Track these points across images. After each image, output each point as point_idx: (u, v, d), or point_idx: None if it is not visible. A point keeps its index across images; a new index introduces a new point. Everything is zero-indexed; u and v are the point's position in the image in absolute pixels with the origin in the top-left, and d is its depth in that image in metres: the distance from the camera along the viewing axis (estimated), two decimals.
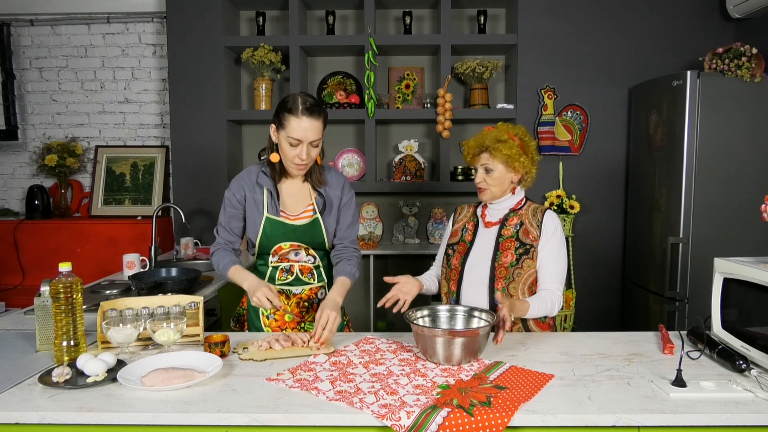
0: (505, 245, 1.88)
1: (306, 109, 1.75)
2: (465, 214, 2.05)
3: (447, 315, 1.75)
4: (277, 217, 1.89)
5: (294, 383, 1.42)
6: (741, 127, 2.94)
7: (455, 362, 1.53)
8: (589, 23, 3.60)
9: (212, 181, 3.69)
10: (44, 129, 4.05)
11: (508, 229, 1.91)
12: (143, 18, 3.92)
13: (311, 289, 1.97)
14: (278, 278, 1.94)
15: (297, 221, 1.91)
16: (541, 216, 1.90)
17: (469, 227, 1.99)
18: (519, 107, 3.61)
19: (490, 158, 1.87)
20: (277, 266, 1.94)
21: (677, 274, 3.01)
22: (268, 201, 1.90)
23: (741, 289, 1.59)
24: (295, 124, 1.75)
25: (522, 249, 1.87)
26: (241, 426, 1.26)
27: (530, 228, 1.89)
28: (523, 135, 1.92)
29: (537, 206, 1.94)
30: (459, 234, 2.00)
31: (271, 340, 1.67)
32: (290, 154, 1.79)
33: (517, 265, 1.86)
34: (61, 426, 1.28)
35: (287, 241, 1.91)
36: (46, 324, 1.66)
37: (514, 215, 1.93)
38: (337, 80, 3.89)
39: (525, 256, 1.87)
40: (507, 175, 1.89)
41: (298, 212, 1.92)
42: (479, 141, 1.90)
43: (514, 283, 1.86)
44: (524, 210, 1.93)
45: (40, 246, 3.67)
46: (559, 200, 3.56)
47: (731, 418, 1.25)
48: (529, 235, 1.88)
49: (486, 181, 1.90)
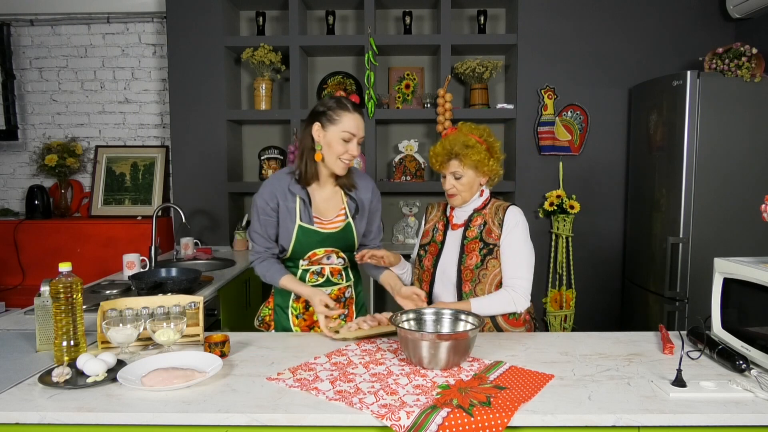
0: (470, 247, 1.89)
1: (356, 107, 1.85)
2: (435, 214, 2.06)
3: (432, 318, 1.71)
4: (310, 225, 1.90)
5: (294, 383, 1.42)
6: (741, 127, 2.94)
7: (441, 366, 1.51)
8: (589, 23, 3.60)
9: (212, 181, 3.69)
10: (44, 129, 4.05)
11: (472, 230, 1.91)
12: (143, 18, 3.92)
13: (340, 288, 2.01)
14: (308, 280, 1.96)
15: (331, 229, 1.93)
16: (503, 214, 1.90)
17: (440, 227, 2.01)
18: (519, 107, 3.61)
19: (459, 165, 1.87)
20: (308, 269, 1.96)
21: (677, 274, 3.01)
22: (301, 209, 1.90)
23: (741, 289, 1.59)
24: (349, 117, 1.82)
25: (486, 249, 1.88)
26: (241, 426, 1.26)
27: (493, 227, 1.89)
28: (488, 136, 1.91)
29: (500, 204, 1.94)
30: (430, 234, 2.02)
31: (360, 321, 1.79)
32: (341, 149, 1.83)
33: (482, 266, 1.87)
34: (61, 426, 1.28)
35: (322, 247, 1.94)
36: (46, 324, 1.66)
37: (477, 215, 1.93)
38: (337, 80, 3.89)
39: (489, 257, 1.87)
40: (476, 179, 1.90)
41: (331, 217, 1.95)
42: (447, 148, 1.87)
43: (480, 285, 1.87)
44: (488, 209, 1.94)
45: (40, 246, 3.67)
46: (559, 200, 3.56)
47: (731, 418, 1.25)
48: (492, 235, 1.88)
49: (456, 187, 1.89)
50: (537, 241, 3.59)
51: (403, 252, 3.49)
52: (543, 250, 3.68)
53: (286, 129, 3.90)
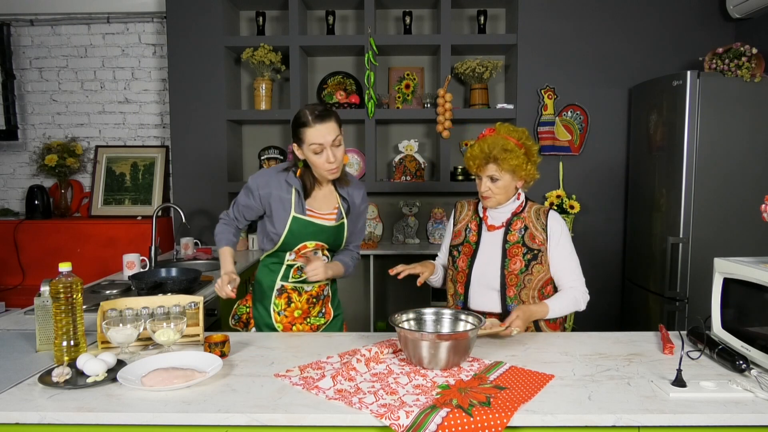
0: (513, 251, 1.88)
1: (316, 117, 1.82)
2: (466, 213, 2.03)
3: (432, 319, 1.71)
4: (304, 216, 1.93)
5: (299, 381, 1.43)
6: (741, 127, 2.94)
7: (441, 366, 1.51)
8: (589, 23, 3.60)
9: (212, 181, 3.69)
10: (44, 129, 4.05)
11: (513, 235, 1.90)
12: (143, 18, 3.92)
13: (320, 285, 2.04)
14: (292, 276, 1.98)
15: (326, 222, 1.96)
16: (545, 218, 1.90)
17: (473, 227, 1.98)
18: (519, 107, 3.61)
19: (497, 169, 1.84)
20: (292, 264, 1.97)
21: (677, 274, 3.01)
22: (295, 200, 1.93)
23: (741, 289, 1.59)
24: (311, 132, 1.82)
25: (530, 255, 1.87)
26: (241, 426, 1.26)
27: (535, 232, 1.88)
28: (525, 140, 1.88)
29: (538, 207, 1.93)
30: (463, 234, 1.99)
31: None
32: (318, 161, 1.85)
33: (526, 272, 1.86)
34: (61, 426, 1.28)
35: (314, 240, 1.95)
36: (46, 324, 1.66)
37: (517, 219, 1.92)
38: (337, 80, 3.89)
39: (534, 262, 1.87)
40: (512, 183, 1.88)
41: (324, 212, 1.97)
42: (485, 151, 1.84)
43: (525, 290, 1.87)
44: (526, 213, 1.92)
45: (40, 246, 3.67)
46: (559, 200, 3.56)
47: (731, 418, 1.25)
48: (535, 240, 1.88)
49: (492, 190, 1.87)
50: None
51: (403, 252, 3.53)
52: None
53: (286, 129, 3.90)
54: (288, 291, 1.99)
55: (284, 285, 1.99)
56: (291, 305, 1.99)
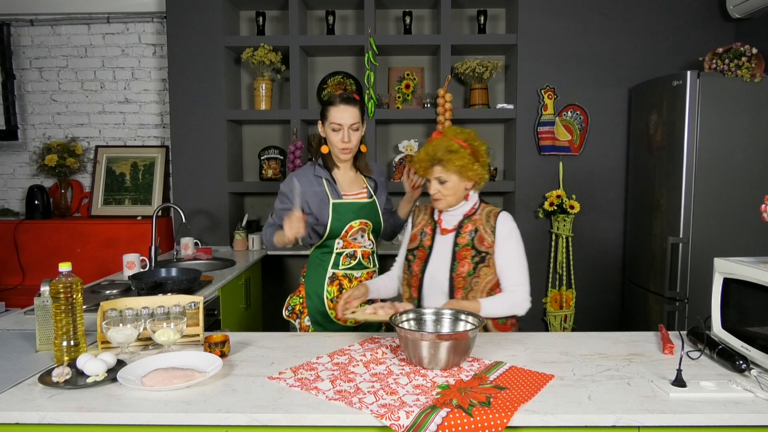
0: (462, 254, 1.88)
1: (342, 99, 2.06)
2: (423, 217, 2.03)
3: (432, 319, 1.71)
4: (341, 200, 2.12)
5: (295, 382, 1.42)
6: (741, 127, 2.94)
7: (441, 366, 1.51)
8: (589, 23, 3.59)
9: (212, 181, 3.69)
10: (44, 129, 4.05)
11: (463, 237, 1.89)
12: (143, 18, 3.92)
13: (368, 272, 2.18)
14: (342, 263, 2.14)
15: (359, 199, 2.16)
16: (494, 221, 1.89)
17: (428, 231, 1.98)
18: (519, 107, 3.61)
19: (443, 171, 1.84)
20: (342, 252, 2.14)
21: (677, 274, 3.01)
22: (329, 189, 2.12)
23: (741, 289, 1.59)
24: (334, 111, 2.06)
25: (478, 257, 1.86)
26: (241, 426, 1.26)
27: (485, 235, 1.88)
28: (472, 140, 1.88)
29: (491, 210, 1.93)
30: (418, 238, 1.99)
31: (377, 307, 1.76)
32: (335, 139, 2.07)
33: (474, 274, 1.86)
34: (61, 426, 1.28)
35: (357, 219, 2.12)
36: (46, 324, 1.66)
37: (468, 221, 1.91)
38: (337, 80, 3.89)
39: (481, 264, 1.86)
40: (461, 184, 1.86)
41: (355, 192, 2.17)
42: (430, 153, 1.85)
43: (472, 292, 1.87)
44: (478, 215, 1.92)
45: (40, 246, 3.67)
46: (559, 200, 3.56)
47: (731, 418, 1.25)
48: (484, 243, 1.87)
49: (441, 192, 1.87)
50: (537, 241, 3.63)
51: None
52: (543, 250, 3.68)
53: (286, 129, 3.90)
54: (339, 278, 2.15)
55: (335, 272, 2.15)
56: (343, 292, 2.10)
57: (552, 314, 3.68)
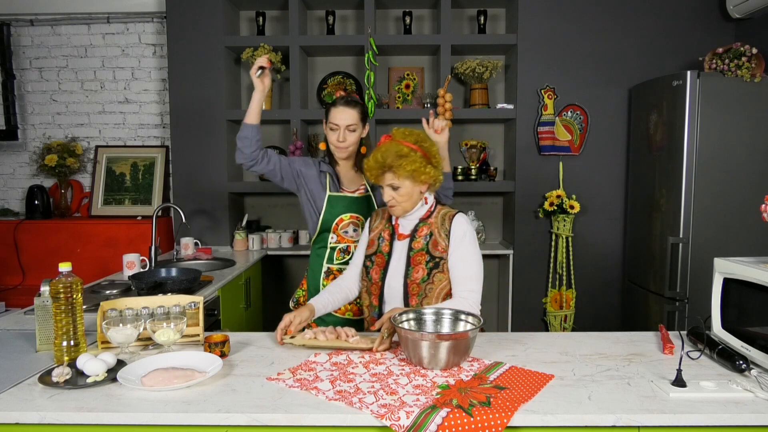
0: (416, 259, 1.82)
1: (342, 101, 2.16)
2: (380, 222, 1.96)
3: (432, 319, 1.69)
4: (337, 193, 2.21)
5: (294, 383, 1.42)
6: (741, 127, 2.94)
7: (441, 366, 1.50)
8: (589, 23, 3.59)
9: (212, 181, 3.69)
10: (44, 129, 4.05)
11: (418, 242, 1.84)
12: (143, 18, 3.92)
13: None
14: (336, 258, 2.21)
15: (354, 194, 2.23)
16: (449, 224, 1.83)
17: (386, 237, 1.91)
18: (519, 107, 3.61)
19: (394, 177, 1.76)
20: (335, 247, 2.21)
21: (677, 274, 3.01)
22: (330, 183, 2.22)
23: (741, 289, 1.59)
24: (333, 112, 2.15)
25: (432, 263, 1.80)
26: (241, 426, 1.26)
27: (439, 239, 1.82)
28: (422, 141, 1.81)
29: (447, 212, 1.87)
30: (376, 244, 1.92)
31: (318, 331, 1.72)
32: (332, 138, 2.17)
33: (428, 280, 1.80)
34: (61, 426, 1.28)
35: (347, 212, 2.20)
36: (46, 324, 1.67)
37: (423, 225, 1.86)
38: (337, 80, 3.89)
39: (435, 270, 1.80)
40: (415, 188, 1.79)
41: (353, 188, 2.26)
42: (380, 160, 1.76)
43: (427, 299, 1.81)
44: (434, 218, 1.86)
45: (40, 246, 3.67)
46: (559, 200, 3.56)
47: (731, 418, 1.25)
48: (438, 247, 1.81)
49: (395, 198, 1.79)
50: (537, 241, 3.63)
51: None
52: (543, 250, 3.68)
53: (286, 129, 3.90)
54: (334, 272, 2.21)
55: (330, 267, 2.22)
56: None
57: (552, 314, 3.68)
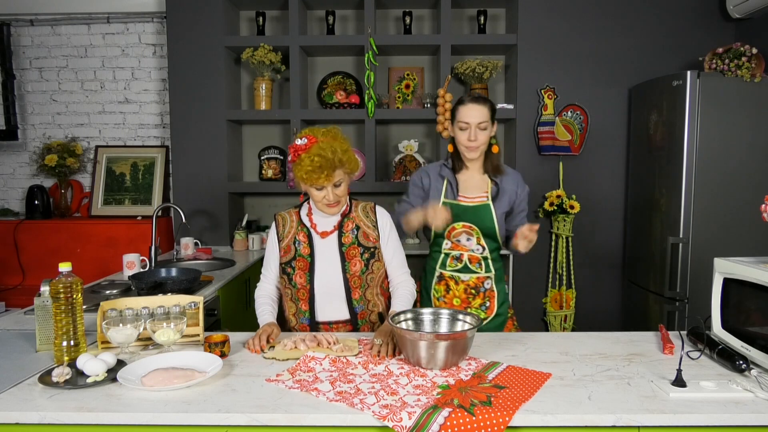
0: (350, 253, 1.88)
1: (472, 98, 2.04)
2: (291, 226, 1.92)
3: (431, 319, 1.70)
4: (452, 200, 2.09)
5: (293, 384, 1.42)
6: (741, 127, 2.94)
7: (440, 366, 1.51)
8: (589, 23, 3.59)
9: (212, 181, 3.69)
10: (44, 129, 4.05)
11: (347, 237, 1.89)
12: (143, 18, 3.92)
13: (478, 277, 2.10)
14: (449, 265, 2.11)
15: (469, 203, 2.10)
16: (373, 215, 1.94)
17: (302, 239, 1.89)
18: (519, 107, 3.61)
19: (343, 173, 1.79)
20: (449, 253, 2.11)
21: (677, 274, 3.01)
22: (447, 189, 2.11)
23: (741, 289, 1.59)
24: (462, 110, 2.04)
25: (368, 253, 1.89)
26: (241, 426, 1.26)
27: (368, 230, 1.91)
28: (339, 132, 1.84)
29: (365, 204, 1.96)
30: (292, 249, 1.90)
31: (297, 340, 1.69)
32: (461, 137, 2.05)
33: (368, 271, 1.89)
34: (61, 426, 1.28)
35: (459, 221, 2.06)
36: (46, 324, 1.66)
37: (347, 220, 1.90)
38: (337, 80, 3.89)
39: (372, 260, 1.90)
40: (348, 182, 1.85)
41: (473, 195, 2.11)
42: (329, 157, 1.71)
43: (369, 289, 1.89)
44: (354, 212, 1.92)
45: (40, 246, 3.67)
46: (559, 200, 3.56)
47: (731, 418, 1.25)
48: (369, 238, 1.90)
49: (337, 195, 1.81)
50: (537, 241, 3.60)
51: None
52: (543, 250, 3.68)
53: (286, 129, 3.90)
54: (446, 279, 2.12)
55: (442, 272, 2.12)
56: (449, 293, 2.11)
57: (552, 314, 3.68)
